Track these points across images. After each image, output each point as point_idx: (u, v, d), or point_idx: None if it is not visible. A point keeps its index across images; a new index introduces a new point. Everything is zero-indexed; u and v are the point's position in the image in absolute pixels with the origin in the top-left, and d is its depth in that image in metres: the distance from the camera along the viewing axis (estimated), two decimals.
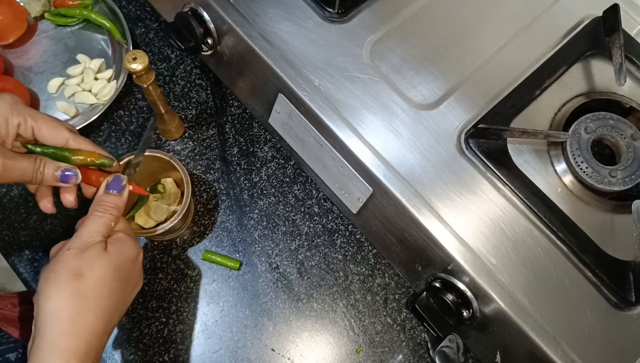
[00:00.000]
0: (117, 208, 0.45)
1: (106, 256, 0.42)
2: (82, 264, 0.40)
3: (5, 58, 0.66)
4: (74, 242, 0.42)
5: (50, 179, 0.43)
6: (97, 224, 0.43)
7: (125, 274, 0.43)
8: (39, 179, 0.43)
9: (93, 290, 0.40)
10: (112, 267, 0.42)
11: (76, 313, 0.39)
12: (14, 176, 0.41)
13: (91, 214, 0.44)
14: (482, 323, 0.50)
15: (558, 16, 0.58)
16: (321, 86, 0.51)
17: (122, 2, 0.71)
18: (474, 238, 0.47)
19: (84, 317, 0.39)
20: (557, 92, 0.55)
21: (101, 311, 0.40)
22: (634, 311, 0.47)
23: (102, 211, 0.44)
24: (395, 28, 0.55)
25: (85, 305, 0.39)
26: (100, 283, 0.41)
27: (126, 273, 0.43)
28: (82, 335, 0.39)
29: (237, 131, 0.67)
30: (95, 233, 0.42)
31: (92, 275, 0.40)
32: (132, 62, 0.50)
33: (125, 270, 0.43)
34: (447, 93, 0.53)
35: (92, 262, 0.41)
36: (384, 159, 0.49)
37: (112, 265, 0.42)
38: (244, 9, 0.53)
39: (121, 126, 0.65)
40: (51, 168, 0.43)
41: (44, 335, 0.38)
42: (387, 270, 0.62)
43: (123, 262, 0.43)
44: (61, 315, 0.38)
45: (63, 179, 0.44)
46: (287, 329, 0.59)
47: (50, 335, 0.38)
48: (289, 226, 0.63)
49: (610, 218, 0.51)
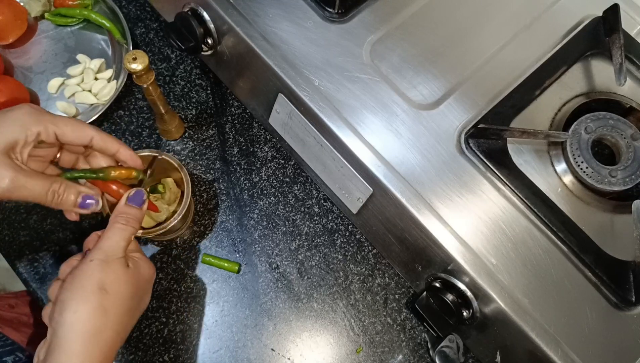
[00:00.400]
0: (138, 221, 0.45)
1: (129, 273, 0.42)
2: (106, 278, 0.41)
3: (5, 58, 0.66)
4: (96, 254, 0.42)
5: (69, 204, 0.43)
6: (119, 237, 0.43)
7: (142, 293, 0.44)
8: (55, 202, 0.42)
9: (115, 305, 0.41)
10: (132, 285, 0.42)
11: (99, 328, 0.39)
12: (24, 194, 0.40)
13: (113, 226, 0.44)
14: (482, 323, 0.50)
15: (558, 16, 0.58)
16: (321, 86, 0.51)
17: (122, 2, 0.71)
18: (474, 238, 0.47)
19: (105, 332, 0.40)
20: (557, 92, 0.55)
21: (119, 327, 0.41)
22: (634, 311, 0.47)
23: (124, 223, 0.44)
24: (395, 28, 0.55)
25: (107, 320, 0.40)
26: (121, 299, 0.41)
27: (142, 292, 0.44)
28: (102, 348, 0.39)
29: (237, 131, 0.67)
30: (117, 247, 0.43)
31: (114, 290, 0.41)
32: (132, 62, 0.50)
33: (142, 289, 0.44)
34: (447, 93, 0.53)
35: (116, 278, 0.41)
36: (384, 159, 0.49)
37: (132, 284, 0.42)
38: (244, 9, 0.53)
39: (121, 126, 0.65)
40: (72, 193, 0.42)
41: (64, 346, 0.38)
42: (387, 270, 0.62)
43: (141, 281, 0.44)
44: (86, 328, 0.39)
45: (82, 206, 0.43)
46: (287, 329, 0.59)
47: (72, 346, 0.38)
48: (289, 226, 0.63)
49: (610, 218, 0.51)
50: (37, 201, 0.41)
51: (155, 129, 0.65)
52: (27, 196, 0.40)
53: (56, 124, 0.42)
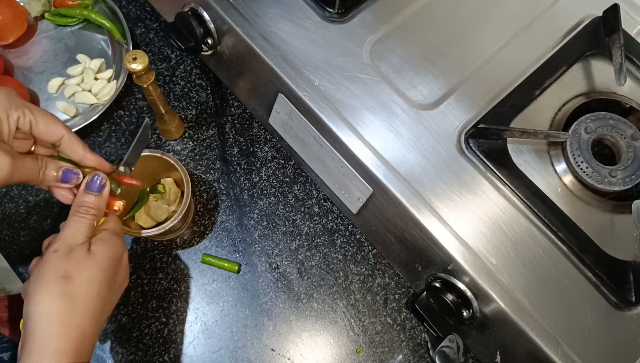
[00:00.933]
0: (97, 208, 0.44)
1: (92, 257, 0.42)
2: (69, 266, 0.40)
3: (5, 58, 0.66)
4: (58, 244, 0.42)
5: (51, 179, 0.43)
6: (77, 226, 0.43)
7: (112, 273, 0.43)
8: (41, 179, 0.42)
9: (81, 291, 0.40)
10: (98, 268, 0.42)
11: (65, 315, 0.39)
12: (21, 176, 0.41)
13: (71, 217, 0.43)
14: (482, 323, 0.50)
15: (558, 16, 0.58)
16: (321, 86, 0.51)
17: (122, 2, 0.71)
18: (474, 238, 0.47)
19: (73, 319, 0.39)
20: (557, 92, 0.55)
21: (90, 311, 0.41)
22: (634, 311, 0.47)
23: (83, 212, 0.43)
24: (395, 28, 0.55)
25: (74, 307, 0.40)
26: (87, 284, 0.41)
27: (112, 271, 0.43)
28: (72, 336, 0.39)
29: (237, 131, 0.67)
30: (78, 234, 0.42)
31: (79, 276, 0.40)
32: (132, 62, 0.50)
33: (111, 268, 0.43)
34: (447, 93, 0.53)
35: (78, 264, 0.41)
36: (384, 159, 0.49)
37: (98, 266, 0.42)
38: (244, 9, 0.53)
39: (121, 126, 0.65)
40: (53, 167, 0.43)
41: (34, 338, 0.38)
42: (387, 270, 0.62)
43: (108, 261, 0.43)
44: (51, 317, 0.39)
45: (64, 179, 0.43)
46: (287, 329, 0.59)
47: (41, 337, 0.38)
48: (289, 226, 0.63)
49: (610, 218, 0.51)
50: (30, 182, 0.42)
51: (155, 129, 0.65)
52: (23, 179, 0.41)
53: (33, 114, 0.42)
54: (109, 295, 0.43)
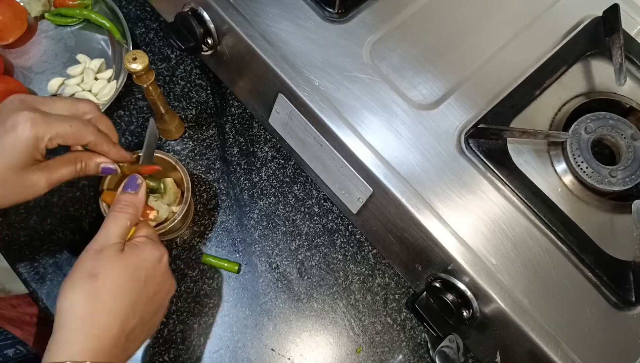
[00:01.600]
0: (134, 205, 0.45)
1: (121, 257, 0.42)
2: (97, 265, 0.41)
3: (5, 58, 0.66)
4: (91, 244, 0.43)
5: (93, 170, 0.47)
6: (113, 224, 0.44)
7: (143, 276, 0.43)
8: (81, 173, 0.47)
9: (106, 291, 0.40)
10: (127, 269, 0.42)
11: (88, 313, 0.39)
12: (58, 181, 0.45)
13: (108, 215, 0.45)
14: (482, 323, 0.50)
15: (558, 16, 0.58)
16: (321, 86, 0.51)
17: (122, 2, 0.71)
18: (474, 238, 0.47)
19: (96, 317, 0.40)
20: (557, 92, 0.55)
21: (115, 312, 0.40)
22: (634, 311, 0.47)
23: (119, 209, 0.44)
24: (395, 28, 0.55)
25: (96, 305, 0.40)
26: (113, 284, 0.41)
27: (143, 275, 0.43)
28: (93, 332, 0.39)
29: (237, 131, 0.67)
30: (112, 234, 0.43)
31: (106, 276, 0.41)
32: (132, 62, 0.50)
33: (141, 271, 0.43)
34: (447, 93, 0.53)
35: (107, 263, 0.41)
36: (384, 159, 0.49)
37: (127, 267, 0.42)
38: (244, 9, 0.53)
39: (121, 126, 0.65)
40: (93, 162, 0.47)
41: (58, 332, 0.39)
42: (387, 270, 0.62)
43: (140, 263, 0.43)
44: (74, 313, 0.39)
45: (105, 172, 0.48)
46: (287, 329, 0.59)
47: (63, 332, 0.39)
48: (289, 226, 0.63)
49: (610, 218, 0.51)
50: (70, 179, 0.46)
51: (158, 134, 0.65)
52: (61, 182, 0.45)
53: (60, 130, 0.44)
54: (139, 300, 0.42)
